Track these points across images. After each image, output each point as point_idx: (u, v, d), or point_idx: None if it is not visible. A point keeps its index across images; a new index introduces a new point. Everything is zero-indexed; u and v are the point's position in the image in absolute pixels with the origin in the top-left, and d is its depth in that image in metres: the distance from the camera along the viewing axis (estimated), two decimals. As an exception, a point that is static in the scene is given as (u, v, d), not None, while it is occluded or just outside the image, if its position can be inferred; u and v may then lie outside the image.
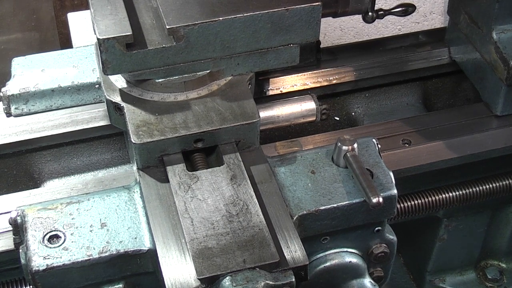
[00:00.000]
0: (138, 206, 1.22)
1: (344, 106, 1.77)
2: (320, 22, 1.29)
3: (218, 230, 1.12)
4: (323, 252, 1.30)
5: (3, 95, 1.43)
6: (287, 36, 1.29)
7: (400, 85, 1.78)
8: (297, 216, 1.20)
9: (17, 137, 1.45)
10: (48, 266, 1.12)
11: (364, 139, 1.32)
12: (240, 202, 1.16)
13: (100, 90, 1.44)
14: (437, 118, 1.62)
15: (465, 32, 1.65)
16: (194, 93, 1.30)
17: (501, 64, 1.54)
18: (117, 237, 1.17)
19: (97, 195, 1.23)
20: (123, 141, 1.54)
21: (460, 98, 1.82)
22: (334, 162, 1.28)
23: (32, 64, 1.47)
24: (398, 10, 1.63)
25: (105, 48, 1.20)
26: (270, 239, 1.11)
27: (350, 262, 1.30)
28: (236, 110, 1.26)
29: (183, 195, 1.17)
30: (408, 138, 1.57)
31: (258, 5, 1.26)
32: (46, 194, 1.36)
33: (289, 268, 1.10)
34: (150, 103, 1.28)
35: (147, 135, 1.21)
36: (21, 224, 1.18)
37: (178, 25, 1.22)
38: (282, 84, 1.64)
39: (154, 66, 1.25)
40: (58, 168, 1.54)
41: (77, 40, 1.60)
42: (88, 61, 1.48)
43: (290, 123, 1.49)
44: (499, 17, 1.54)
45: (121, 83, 1.31)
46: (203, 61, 1.28)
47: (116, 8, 1.25)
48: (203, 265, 1.07)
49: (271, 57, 1.32)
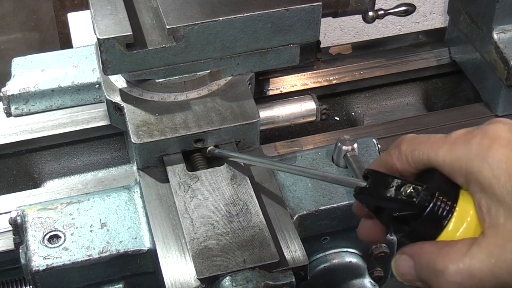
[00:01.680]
0: (138, 206, 1.22)
1: (344, 106, 1.77)
2: (320, 22, 1.29)
3: (218, 230, 1.12)
4: (323, 252, 1.30)
5: (3, 95, 1.43)
6: (287, 36, 1.29)
7: (400, 85, 1.78)
8: (297, 216, 1.20)
9: (17, 137, 1.44)
10: (48, 266, 1.12)
11: (364, 139, 1.32)
12: (240, 202, 1.16)
13: (100, 90, 1.44)
14: (437, 118, 1.62)
15: (465, 32, 1.65)
16: (194, 93, 1.30)
17: (501, 64, 1.54)
18: (117, 237, 1.17)
19: (97, 195, 1.23)
20: (123, 141, 1.54)
21: (460, 98, 1.82)
22: (334, 162, 1.28)
23: (32, 64, 1.47)
24: (398, 10, 1.63)
25: (105, 48, 1.20)
26: (270, 239, 1.11)
27: (350, 262, 1.30)
28: (236, 110, 1.26)
29: (183, 195, 1.17)
30: (408, 138, 1.56)
31: (258, 5, 1.26)
32: (46, 194, 1.35)
33: (289, 268, 1.10)
34: (150, 103, 1.28)
35: (147, 135, 1.21)
36: (21, 224, 1.18)
37: (178, 25, 1.22)
38: (282, 84, 1.64)
39: (154, 66, 1.25)
40: (58, 168, 1.54)
41: (77, 40, 1.60)
42: (88, 61, 1.48)
43: (290, 123, 1.49)
44: (499, 17, 1.54)
45: (121, 83, 1.31)
46: (203, 61, 1.28)
47: (116, 8, 1.25)
48: (203, 265, 1.07)
49: (271, 57, 1.32)
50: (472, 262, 0.82)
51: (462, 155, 0.86)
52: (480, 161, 0.84)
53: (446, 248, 0.85)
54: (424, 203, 0.87)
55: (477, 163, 0.84)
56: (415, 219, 0.88)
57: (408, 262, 0.89)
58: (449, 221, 0.87)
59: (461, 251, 0.83)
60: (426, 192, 0.88)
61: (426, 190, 0.88)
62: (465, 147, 0.86)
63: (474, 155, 0.85)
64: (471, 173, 0.85)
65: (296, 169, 1.15)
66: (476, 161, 0.85)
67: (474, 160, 0.85)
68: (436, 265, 0.84)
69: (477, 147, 0.85)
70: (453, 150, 0.87)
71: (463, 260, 0.83)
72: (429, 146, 0.90)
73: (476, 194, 0.85)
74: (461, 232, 0.86)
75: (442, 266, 0.83)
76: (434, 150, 0.89)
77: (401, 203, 0.89)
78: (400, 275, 0.91)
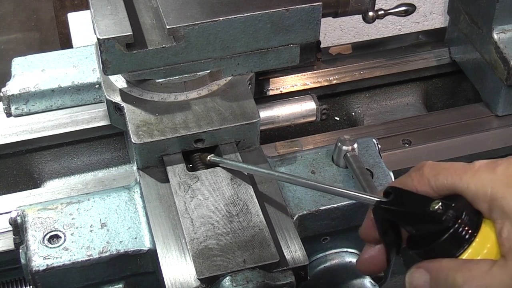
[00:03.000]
0: (138, 206, 1.22)
1: (344, 106, 1.77)
2: (320, 22, 1.29)
3: (218, 230, 1.12)
4: (323, 252, 1.30)
5: (3, 95, 1.43)
6: (287, 36, 1.29)
7: (400, 85, 1.78)
8: (297, 216, 1.20)
9: (17, 137, 1.45)
10: (48, 266, 1.12)
11: (364, 139, 1.32)
12: (240, 202, 1.16)
13: (100, 90, 1.44)
14: (437, 118, 1.62)
15: (465, 32, 1.65)
16: (194, 93, 1.30)
17: (501, 64, 1.54)
18: (117, 237, 1.17)
19: (97, 195, 1.23)
20: (123, 141, 1.54)
21: (460, 98, 1.82)
22: (334, 162, 1.28)
23: (32, 64, 1.47)
24: (398, 10, 1.63)
25: (105, 48, 1.20)
26: (270, 239, 1.11)
27: (350, 262, 1.30)
28: (236, 110, 1.26)
29: (183, 195, 1.17)
30: (408, 138, 1.57)
31: (258, 5, 1.26)
32: (46, 194, 1.36)
33: (289, 268, 1.10)
34: (150, 103, 1.28)
35: (147, 135, 1.21)
36: (21, 224, 1.18)
37: (178, 25, 1.22)
38: (282, 84, 1.64)
39: (154, 66, 1.25)
40: (58, 168, 1.54)
41: (77, 40, 1.60)
42: (88, 61, 1.48)
43: (290, 123, 1.49)
44: (499, 17, 1.54)
45: (121, 83, 1.31)
46: (203, 61, 1.28)
47: (116, 8, 1.25)
48: (203, 265, 1.07)
49: (271, 57, 1.32)
50: (493, 281, 0.83)
51: (487, 181, 0.88)
52: (505, 188, 0.86)
53: (468, 264, 0.86)
54: (451, 221, 0.87)
55: (501, 189, 0.86)
56: (436, 237, 0.88)
57: (424, 276, 0.89)
58: (470, 244, 0.87)
59: (483, 269, 0.84)
60: (454, 210, 0.88)
61: (455, 209, 0.88)
62: (490, 174, 0.88)
63: (499, 182, 0.87)
64: (495, 199, 0.86)
65: (309, 184, 1.13)
66: (501, 188, 0.86)
67: (499, 186, 0.86)
68: (456, 280, 0.85)
69: (502, 175, 0.87)
70: (477, 176, 0.89)
71: (484, 277, 0.83)
72: (453, 172, 0.91)
73: (498, 221, 0.86)
74: (481, 256, 0.87)
75: (462, 281, 0.84)
76: (459, 176, 0.90)
77: (427, 218, 0.89)
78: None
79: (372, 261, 1.00)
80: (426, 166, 0.95)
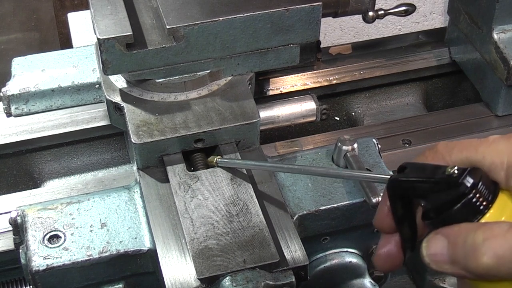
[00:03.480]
0: (138, 206, 1.22)
1: (344, 106, 1.77)
2: (320, 22, 1.29)
3: (218, 230, 1.12)
4: (323, 252, 1.30)
5: (3, 95, 1.43)
6: (287, 36, 1.29)
7: (400, 85, 1.78)
8: (297, 216, 1.20)
9: (17, 137, 1.45)
10: (48, 266, 1.12)
11: (364, 139, 1.32)
12: (240, 202, 1.16)
13: (100, 90, 1.44)
14: (437, 118, 1.62)
15: (465, 32, 1.65)
16: (194, 93, 1.30)
17: (501, 64, 1.54)
18: (117, 237, 1.17)
19: (97, 195, 1.23)
20: (123, 141, 1.54)
21: (460, 98, 1.82)
22: (334, 162, 1.28)
23: (32, 64, 1.47)
24: (398, 10, 1.63)
25: (105, 48, 1.20)
26: (270, 239, 1.11)
27: (350, 262, 1.30)
28: (236, 110, 1.26)
29: (183, 195, 1.17)
30: (408, 138, 1.57)
31: (258, 5, 1.26)
32: (46, 194, 1.36)
33: (289, 268, 1.10)
34: (150, 103, 1.28)
35: (147, 135, 1.21)
36: (21, 224, 1.18)
37: (178, 25, 1.22)
38: (282, 84, 1.64)
39: (154, 66, 1.25)
40: (58, 168, 1.54)
41: (77, 40, 1.60)
42: (88, 61, 1.48)
43: (290, 123, 1.49)
44: (499, 17, 1.54)
45: (121, 83, 1.31)
46: (203, 61, 1.28)
47: (116, 8, 1.25)
48: (203, 265, 1.07)
49: (271, 57, 1.32)
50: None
51: (504, 151, 0.86)
52: None
53: (488, 225, 0.83)
54: (467, 185, 0.85)
55: None
56: (452, 205, 0.86)
57: (442, 241, 0.87)
58: (489, 210, 0.85)
59: (505, 228, 0.82)
60: (470, 175, 0.85)
61: (471, 173, 0.86)
62: (506, 143, 0.87)
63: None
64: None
65: (317, 171, 1.14)
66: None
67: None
68: (475, 239, 0.82)
69: None
70: (493, 146, 0.88)
71: (506, 235, 0.81)
72: (468, 145, 0.90)
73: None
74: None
75: (482, 239, 0.82)
76: (474, 148, 0.89)
77: (443, 183, 0.86)
78: (430, 255, 0.89)
79: (389, 256, 0.97)
80: (440, 144, 0.94)
